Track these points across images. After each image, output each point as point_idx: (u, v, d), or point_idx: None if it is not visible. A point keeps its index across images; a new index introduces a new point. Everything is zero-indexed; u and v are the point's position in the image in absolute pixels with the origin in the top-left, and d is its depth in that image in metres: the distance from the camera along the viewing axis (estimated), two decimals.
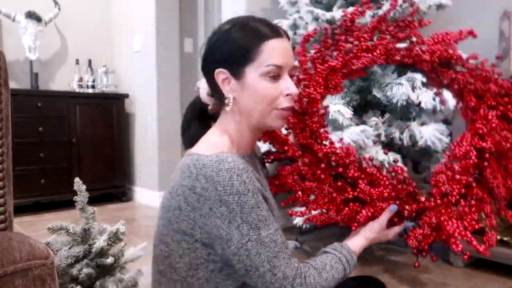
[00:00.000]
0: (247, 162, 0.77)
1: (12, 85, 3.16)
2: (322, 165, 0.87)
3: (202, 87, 0.83)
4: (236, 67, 0.74)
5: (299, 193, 0.88)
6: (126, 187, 3.46)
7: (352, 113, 1.69)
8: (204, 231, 0.69)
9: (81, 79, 3.34)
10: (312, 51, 0.94)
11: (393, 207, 0.85)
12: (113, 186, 3.36)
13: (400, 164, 0.95)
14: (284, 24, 2.07)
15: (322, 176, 0.87)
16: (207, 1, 3.51)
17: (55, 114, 3.03)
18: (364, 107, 1.90)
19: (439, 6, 1.86)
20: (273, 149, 0.95)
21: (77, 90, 3.31)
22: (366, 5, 1.00)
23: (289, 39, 0.78)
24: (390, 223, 0.87)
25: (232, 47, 0.74)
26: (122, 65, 3.62)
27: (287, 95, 0.75)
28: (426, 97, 1.66)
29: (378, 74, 1.82)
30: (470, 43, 2.15)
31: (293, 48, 0.81)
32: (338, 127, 1.70)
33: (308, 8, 1.78)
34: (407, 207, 0.87)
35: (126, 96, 3.43)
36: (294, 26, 2.04)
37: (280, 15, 2.29)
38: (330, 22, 1.77)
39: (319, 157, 0.87)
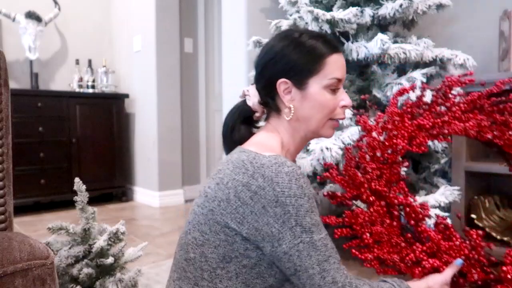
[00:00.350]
0: None
1: (12, 85, 3.16)
2: (395, 213, 0.87)
3: (252, 94, 0.85)
4: (300, 78, 0.78)
5: (367, 234, 0.88)
6: (126, 187, 3.46)
7: (352, 113, 1.69)
8: (253, 227, 0.70)
9: (81, 79, 3.34)
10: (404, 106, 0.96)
11: (458, 261, 0.86)
12: (113, 186, 3.36)
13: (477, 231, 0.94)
14: (284, 24, 2.07)
15: (393, 223, 0.87)
16: (207, 1, 3.51)
17: (55, 114, 3.03)
18: (364, 107, 1.89)
19: (439, 6, 1.85)
20: (338, 190, 0.96)
21: (77, 90, 3.31)
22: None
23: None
24: (453, 283, 0.86)
25: (295, 59, 0.78)
26: (122, 65, 3.62)
27: (343, 106, 0.82)
28: (426, 97, 1.66)
29: (378, 74, 1.82)
30: (470, 43, 2.16)
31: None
32: (338, 127, 1.69)
33: (308, 8, 1.77)
34: (474, 271, 0.86)
35: (126, 96, 3.43)
36: (294, 26, 2.04)
37: (280, 15, 2.29)
38: (330, 22, 1.77)
39: (392, 205, 0.88)
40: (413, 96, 1.02)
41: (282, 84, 0.78)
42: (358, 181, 0.90)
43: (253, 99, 0.85)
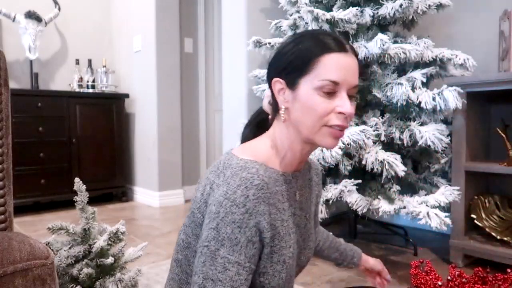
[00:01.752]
0: (285, 182, 0.75)
1: (12, 85, 3.16)
2: None
3: (266, 95, 0.82)
4: (292, 77, 0.71)
5: None
6: (126, 187, 3.46)
7: None
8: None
9: (81, 79, 3.34)
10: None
11: None
12: (113, 186, 3.36)
13: None
14: (284, 24, 2.07)
15: None
16: (207, 1, 3.51)
17: (55, 114, 3.03)
18: (364, 107, 1.89)
19: (439, 6, 1.85)
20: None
21: (77, 90, 3.31)
22: None
23: (357, 56, 0.73)
24: None
25: (291, 57, 0.71)
26: (122, 65, 3.62)
27: (340, 113, 0.69)
28: (426, 97, 1.66)
29: (378, 74, 1.82)
30: (470, 43, 2.16)
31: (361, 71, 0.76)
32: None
33: (308, 8, 1.77)
34: None
35: (126, 96, 3.43)
36: (294, 26, 2.04)
37: (280, 15, 2.29)
38: (330, 22, 1.77)
39: None
40: None
41: (277, 84, 0.74)
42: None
43: (265, 100, 0.82)
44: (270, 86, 0.77)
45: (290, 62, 0.71)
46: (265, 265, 0.70)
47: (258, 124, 0.85)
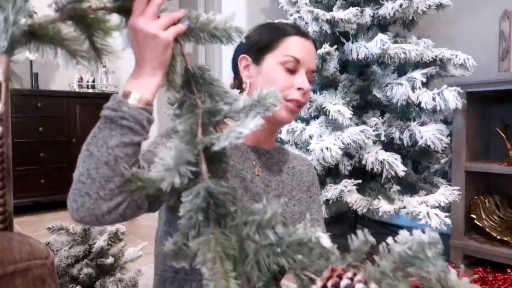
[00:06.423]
0: (236, 148, 0.78)
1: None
2: None
3: (230, 84, 0.86)
4: (258, 54, 0.79)
5: None
6: None
7: (352, 113, 1.69)
8: None
9: (81, 79, 3.34)
10: None
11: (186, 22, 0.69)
12: None
13: None
14: None
15: None
16: (207, 1, 3.51)
17: (55, 114, 3.03)
18: (364, 107, 1.89)
19: (439, 6, 1.85)
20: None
21: (77, 90, 3.31)
22: None
23: (315, 45, 0.82)
24: None
25: (258, 37, 0.80)
26: (122, 65, 3.62)
27: (299, 89, 0.77)
28: (426, 97, 1.66)
29: (378, 74, 1.82)
30: (470, 43, 2.16)
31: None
32: (338, 127, 1.70)
33: (308, 8, 1.77)
34: None
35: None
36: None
37: (280, 15, 2.29)
38: (330, 22, 1.77)
39: None
40: None
41: (243, 60, 0.80)
42: None
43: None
44: (234, 66, 0.84)
45: (258, 41, 0.79)
46: None
47: None
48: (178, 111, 0.55)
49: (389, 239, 0.43)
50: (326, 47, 1.69)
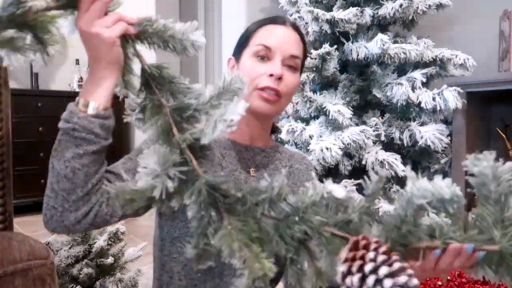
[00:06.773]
0: (230, 149, 0.79)
1: (12, 85, 3.16)
2: None
3: None
4: (238, 53, 0.80)
5: None
6: None
7: (352, 113, 1.69)
8: None
9: (81, 79, 3.34)
10: None
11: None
12: None
13: None
14: None
15: None
16: (207, 1, 3.51)
17: (55, 114, 3.00)
18: (364, 107, 1.89)
19: (439, 6, 1.85)
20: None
21: (77, 90, 3.31)
22: None
23: (297, 30, 0.80)
24: None
25: (240, 37, 0.82)
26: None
27: (270, 75, 0.73)
28: (426, 97, 1.66)
29: (378, 74, 1.82)
30: (471, 43, 2.16)
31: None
32: (338, 127, 1.70)
33: (308, 8, 1.77)
34: None
35: (126, 96, 3.42)
36: None
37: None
38: (330, 22, 1.77)
39: None
40: None
41: (230, 62, 0.83)
42: None
43: None
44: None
45: (237, 42, 0.82)
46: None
47: None
48: (141, 115, 0.54)
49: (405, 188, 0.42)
50: (326, 47, 1.69)
